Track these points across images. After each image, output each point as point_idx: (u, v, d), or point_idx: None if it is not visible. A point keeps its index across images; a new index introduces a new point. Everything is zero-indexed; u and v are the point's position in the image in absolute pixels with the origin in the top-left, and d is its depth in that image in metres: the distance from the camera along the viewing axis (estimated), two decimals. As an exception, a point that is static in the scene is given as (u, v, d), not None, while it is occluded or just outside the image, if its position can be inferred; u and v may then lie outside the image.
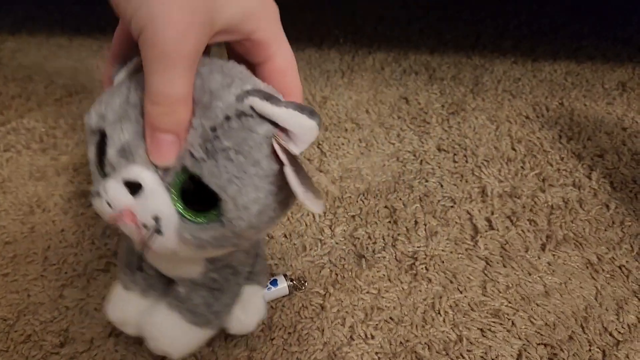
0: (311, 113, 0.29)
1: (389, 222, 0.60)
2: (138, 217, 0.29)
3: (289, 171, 0.28)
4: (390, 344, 0.48)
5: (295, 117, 0.29)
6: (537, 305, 0.51)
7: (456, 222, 0.60)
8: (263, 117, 0.29)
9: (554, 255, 0.56)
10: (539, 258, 0.56)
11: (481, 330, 0.49)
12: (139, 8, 0.23)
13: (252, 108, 0.29)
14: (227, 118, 0.28)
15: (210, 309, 0.40)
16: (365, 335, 0.49)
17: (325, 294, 0.52)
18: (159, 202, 0.29)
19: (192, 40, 0.25)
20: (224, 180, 0.28)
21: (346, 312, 0.51)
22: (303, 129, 0.30)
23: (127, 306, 0.43)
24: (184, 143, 0.28)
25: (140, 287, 0.42)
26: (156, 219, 0.29)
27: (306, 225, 0.60)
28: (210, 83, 0.29)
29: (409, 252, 0.57)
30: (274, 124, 0.30)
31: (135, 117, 0.28)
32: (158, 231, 0.29)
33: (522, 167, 0.67)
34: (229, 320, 0.44)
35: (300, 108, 0.29)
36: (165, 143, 0.27)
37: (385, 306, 0.51)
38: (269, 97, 0.29)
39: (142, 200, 0.29)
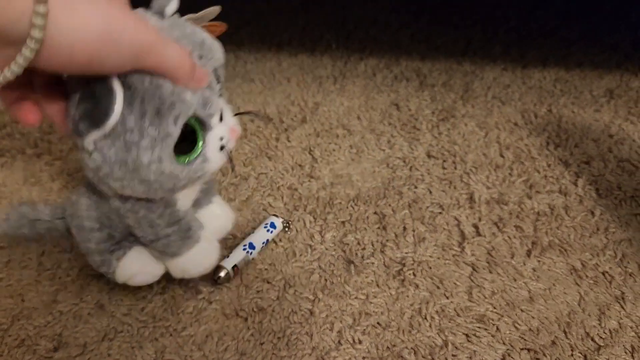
0: None
1: (378, 228, 0.61)
2: (233, 126, 0.43)
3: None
4: (378, 349, 0.49)
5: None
6: (522, 310, 0.53)
7: (444, 229, 0.61)
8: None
9: (539, 261, 0.57)
10: (524, 264, 0.57)
11: (466, 335, 0.51)
12: (141, 49, 0.33)
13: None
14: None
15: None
16: (353, 340, 0.50)
17: (314, 299, 0.54)
18: (227, 108, 0.43)
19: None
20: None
21: (335, 317, 0.52)
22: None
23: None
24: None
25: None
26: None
27: (297, 230, 0.61)
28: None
29: (397, 258, 0.58)
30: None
31: (170, 98, 0.36)
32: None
33: (509, 174, 0.69)
34: None
35: None
36: (199, 74, 0.38)
37: (373, 311, 0.53)
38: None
39: (225, 116, 0.42)
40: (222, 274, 0.53)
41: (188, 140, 0.39)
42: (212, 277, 0.54)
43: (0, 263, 0.58)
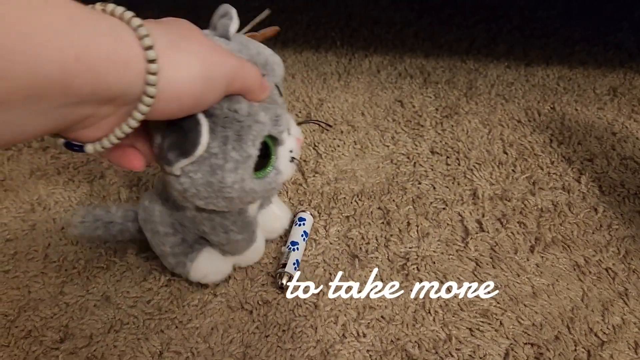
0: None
1: (382, 223, 0.62)
2: (298, 137, 0.45)
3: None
4: (382, 342, 0.50)
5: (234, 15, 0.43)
6: (525, 305, 0.53)
7: (447, 224, 0.62)
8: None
9: (542, 257, 0.58)
10: (528, 260, 0.57)
11: (470, 329, 0.51)
12: (224, 77, 0.34)
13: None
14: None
15: None
16: (357, 334, 0.50)
17: (318, 293, 0.54)
18: (291, 120, 0.45)
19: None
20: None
21: (339, 310, 0.52)
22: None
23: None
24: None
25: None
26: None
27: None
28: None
29: (401, 252, 0.58)
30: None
31: (247, 121, 0.39)
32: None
33: (513, 171, 0.69)
34: None
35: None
36: (265, 85, 0.40)
37: (377, 305, 0.53)
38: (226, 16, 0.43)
39: (291, 127, 0.44)
40: (285, 280, 0.54)
41: (261, 155, 0.41)
42: (277, 286, 0.54)
43: (7, 255, 0.58)
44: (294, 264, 0.55)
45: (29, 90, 0.23)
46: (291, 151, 0.44)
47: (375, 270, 0.56)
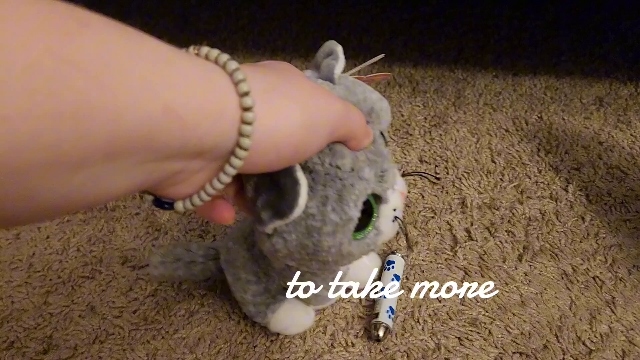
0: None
1: (371, 232, 0.61)
2: (402, 191, 0.40)
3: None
4: (370, 352, 0.49)
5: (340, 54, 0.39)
6: (514, 314, 0.53)
7: (436, 233, 0.62)
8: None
9: (530, 265, 0.58)
10: (516, 268, 0.58)
11: (459, 338, 0.51)
12: (333, 124, 0.31)
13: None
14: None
15: None
16: (346, 343, 0.50)
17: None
18: (396, 172, 0.39)
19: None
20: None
21: (327, 320, 0.52)
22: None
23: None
24: None
25: None
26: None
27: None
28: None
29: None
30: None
31: (350, 179, 0.35)
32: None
33: (501, 180, 0.69)
34: None
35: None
36: (369, 131, 0.36)
37: (366, 315, 0.53)
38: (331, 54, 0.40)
39: (397, 184, 0.39)
40: (381, 332, 0.50)
41: (362, 213, 0.37)
42: (373, 337, 0.50)
43: (-10, 264, 0.57)
44: (387, 311, 0.51)
45: (110, 147, 0.20)
46: (395, 210, 0.39)
47: (376, 270, 0.56)
